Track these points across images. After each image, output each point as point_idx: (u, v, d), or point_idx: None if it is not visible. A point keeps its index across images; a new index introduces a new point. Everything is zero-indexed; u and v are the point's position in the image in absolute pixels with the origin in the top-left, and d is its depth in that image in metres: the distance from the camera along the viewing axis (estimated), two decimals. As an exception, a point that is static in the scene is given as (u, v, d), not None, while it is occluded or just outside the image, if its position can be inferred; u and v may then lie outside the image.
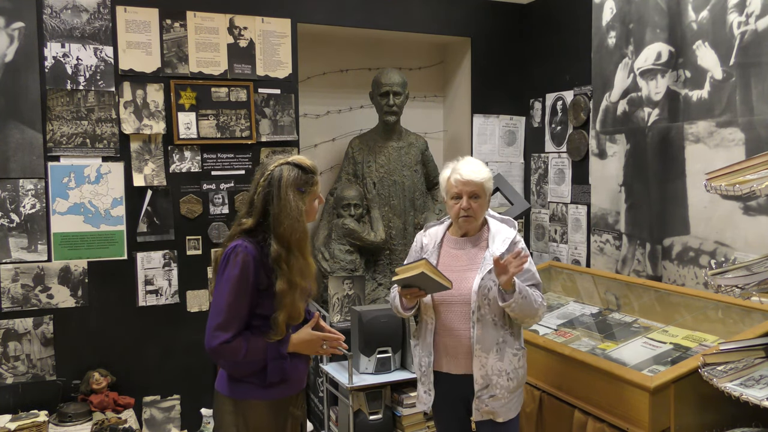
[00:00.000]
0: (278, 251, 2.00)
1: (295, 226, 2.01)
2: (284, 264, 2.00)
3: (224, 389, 2.09)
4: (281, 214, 2.01)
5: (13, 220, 3.25)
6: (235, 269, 1.98)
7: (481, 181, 2.38)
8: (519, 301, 2.27)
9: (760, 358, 2.15)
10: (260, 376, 2.03)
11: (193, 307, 3.61)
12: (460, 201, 2.38)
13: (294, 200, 2.02)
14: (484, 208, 2.45)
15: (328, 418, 3.62)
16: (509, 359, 2.37)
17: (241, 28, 3.66)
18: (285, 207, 2.01)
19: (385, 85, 3.99)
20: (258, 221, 2.04)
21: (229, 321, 1.98)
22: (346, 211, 4.00)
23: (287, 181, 2.03)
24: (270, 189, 2.03)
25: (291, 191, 2.03)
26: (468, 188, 2.37)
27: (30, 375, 3.29)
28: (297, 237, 2.02)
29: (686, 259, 3.20)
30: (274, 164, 2.07)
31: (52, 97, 3.29)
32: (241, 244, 2.01)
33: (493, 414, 2.37)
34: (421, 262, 2.25)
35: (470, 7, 4.33)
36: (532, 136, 4.49)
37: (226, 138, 3.63)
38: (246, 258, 1.98)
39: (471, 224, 2.43)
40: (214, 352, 1.99)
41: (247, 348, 1.99)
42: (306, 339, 2.12)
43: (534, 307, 2.34)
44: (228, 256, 2.01)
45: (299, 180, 2.05)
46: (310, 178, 2.09)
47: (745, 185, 1.88)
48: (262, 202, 2.04)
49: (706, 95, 3.09)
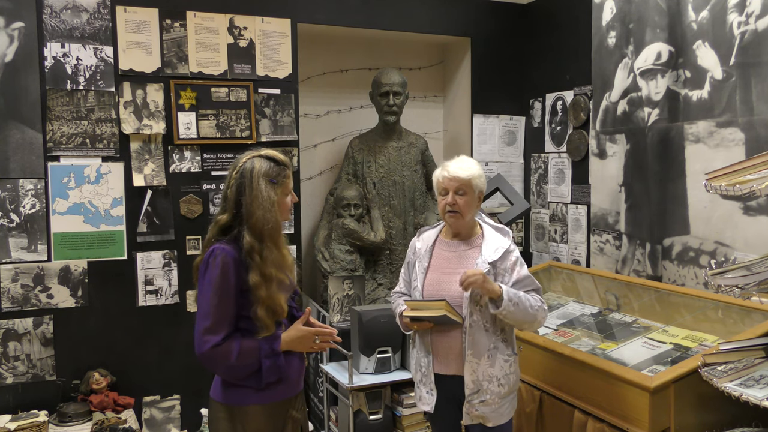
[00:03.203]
0: (251, 243, 1.97)
1: (267, 216, 1.99)
2: (257, 256, 1.97)
3: (218, 396, 2.05)
4: (253, 204, 1.99)
5: (13, 220, 3.25)
6: (216, 270, 1.95)
7: (467, 177, 2.38)
8: (510, 308, 2.28)
9: (760, 358, 2.16)
10: (256, 378, 1.99)
11: (193, 307, 3.60)
12: (447, 197, 2.40)
13: (266, 190, 2.01)
14: (472, 206, 2.43)
15: (328, 418, 3.63)
16: (500, 365, 2.38)
17: (241, 28, 3.66)
18: (257, 197, 1.99)
19: (385, 85, 3.99)
20: (232, 215, 2.03)
21: (217, 323, 1.95)
22: (346, 211, 4.00)
23: (259, 171, 2.02)
24: (242, 180, 2.02)
25: (263, 181, 2.01)
26: (454, 183, 2.38)
27: (30, 375, 3.29)
28: (269, 227, 2.00)
29: (686, 259, 3.20)
30: (246, 157, 2.07)
31: (52, 97, 3.29)
32: (218, 246, 1.99)
33: (483, 418, 2.38)
34: (441, 303, 2.30)
35: (470, 7, 4.33)
36: (532, 136, 4.49)
37: (226, 138, 3.63)
38: (225, 259, 1.96)
39: (458, 221, 2.43)
40: (205, 358, 1.95)
41: (239, 349, 1.95)
42: (297, 335, 2.07)
43: (530, 312, 2.34)
44: (207, 261, 1.99)
45: (271, 171, 2.04)
46: (282, 170, 2.08)
47: (745, 185, 1.87)
48: (235, 194, 2.02)
49: (706, 95, 3.09)
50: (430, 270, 2.47)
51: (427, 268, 2.48)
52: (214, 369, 2.01)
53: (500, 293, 2.27)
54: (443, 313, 2.28)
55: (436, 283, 2.44)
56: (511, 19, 4.45)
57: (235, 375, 2.00)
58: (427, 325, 2.38)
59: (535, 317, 2.37)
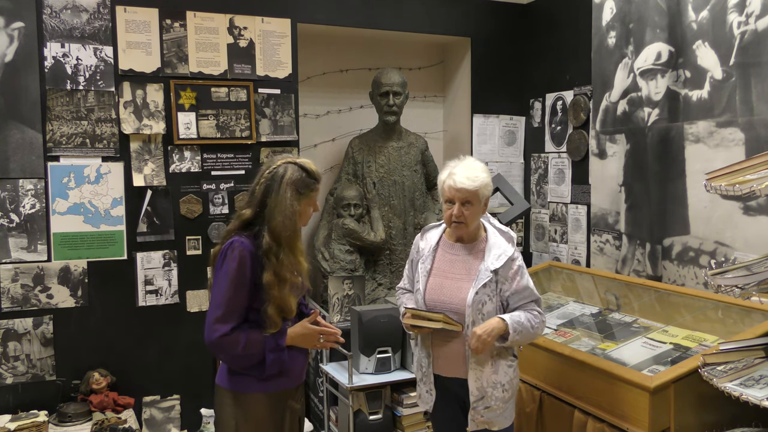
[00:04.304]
0: (269, 244, 2.05)
1: (286, 223, 2.06)
2: (273, 257, 2.05)
3: (224, 382, 2.15)
4: (276, 208, 2.06)
5: (12, 220, 3.25)
6: (233, 263, 2.04)
7: (475, 189, 2.32)
8: (516, 338, 2.32)
9: (760, 358, 2.16)
10: (259, 368, 2.08)
11: (192, 307, 3.61)
12: (453, 206, 2.37)
13: (290, 199, 2.07)
14: (478, 215, 2.41)
15: (328, 418, 3.62)
16: (504, 371, 2.39)
17: (241, 28, 3.66)
18: (281, 203, 2.07)
19: (385, 85, 3.99)
20: (255, 212, 2.10)
21: (228, 314, 2.03)
22: (346, 211, 4.00)
23: (289, 179, 2.09)
24: (272, 182, 2.09)
25: (290, 190, 2.08)
26: (460, 195, 2.33)
27: (30, 375, 3.29)
28: (287, 234, 2.07)
29: (686, 259, 3.20)
30: (282, 161, 2.15)
31: (52, 97, 3.29)
32: (237, 239, 2.07)
33: (488, 424, 2.40)
34: (439, 316, 2.34)
35: (470, 7, 4.33)
36: (532, 136, 4.49)
37: (226, 138, 3.63)
38: (243, 253, 2.04)
39: (462, 231, 2.42)
40: (213, 345, 2.04)
41: (245, 340, 2.04)
42: (303, 332, 2.17)
43: (532, 333, 2.38)
44: (225, 252, 2.07)
45: (301, 182, 2.11)
46: (312, 183, 2.15)
47: (745, 185, 1.88)
48: (262, 194, 2.10)
49: (706, 95, 3.09)
50: (432, 273, 2.46)
51: (429, 271, 2.46)
52: (220, 357, 2.13)
53: (506, 329, 2.30)
54: (440, 326, 2.33)
55: (438, 288, 2.42)
56: (511, 19, 4.45)
57: (240, 364, 2.09)
58: (427, 330, 2.40)
59: (536, 335, 2.42)
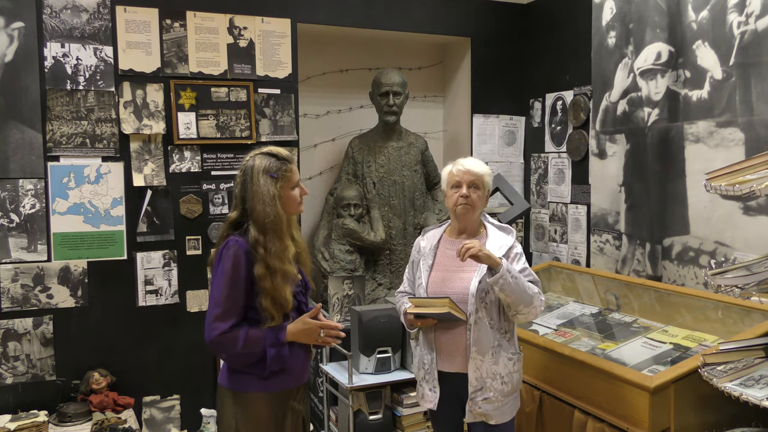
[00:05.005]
0: (255, 236, 2.08)
1: (267, 210, 2.08)
2: (261, 248, 2.07)
3: (225, 382, 2.17)
4: (254, 199, 2.10)
5: (12, 220, 3.24)
6: (228, 262, 2.07)
7: (482, 173, 2.45)
8: (508, 279, 2.26)
9: (759, 358, 2.16)
10: (260, 367, 2.09)
11: (192, 307, 3.61)
12: (460, 189, 2.42)
13: (265, 185, 2.10)
14: (483, 202, 2.48)
15: (328, 418, 3.62)
16: (504, 363, 2.39)
17: (241, 28, 3.66)
18: (257, 192, 2.10)
19: (384, 85, 3.99)
20: (240, 211, 2.14)
21: (227, 312, 2.06)
22: (345, 211, 4.00)
23: (259, 167, 2.13)
24: (245, 177, 2.14)
25: (262, 177, 2.11)
26: (468, 177, 2.43)
27: (30, 375, 3.29)
28: (270, 220, 2.08)
29: (686, 259, 3.20)
30: (249, 155, 2.19)
31: (52, 97, 3.29)
32: (233, 239, 2.11)
33: (485, 416, 2.39)
34: (445, 300, 2.33)
35: (470, 7, 4.33)
36: (531, 136, 4.49)
37: (225, 138, 3.63)
38: (237, 251, 2.07)
39: (468, 214, 2.44)
40: (213, 344, 2.06)
41: (245, 337, 2.05)
42: (303, 327, 2.16)
43: (528, 294, 2.32)
44: (221, 252, 2.10)
45: (271, 166, 2.13)
46: (283, 164, 2.16)
47: (745, 185, 1.88)
48: (241, 191, 2.15)
49: (705, 95, 3.09)
50: (434, 268, 2.49)
51: (431, 265, 2.49)
52: (221, 355, 2.15)
53: (500, 262, 2.27)
54: (447, 310, 2.31)
55: (440, 281, 2.45)
56: (511, 19, 4.45)
57: (241, 362, 2.11)
58: (431, 321, 2.40)
59: (532, 300, 2.35)
